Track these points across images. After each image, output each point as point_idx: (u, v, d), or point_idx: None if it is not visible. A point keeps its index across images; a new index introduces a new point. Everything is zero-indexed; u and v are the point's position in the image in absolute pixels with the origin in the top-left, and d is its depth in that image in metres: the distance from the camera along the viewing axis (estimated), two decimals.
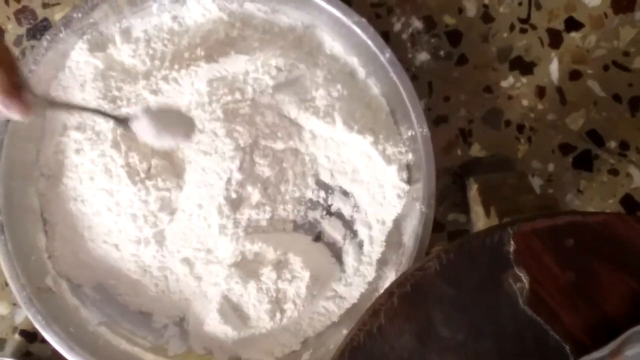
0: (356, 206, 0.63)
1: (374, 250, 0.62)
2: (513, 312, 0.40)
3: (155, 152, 0.60)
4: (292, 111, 0.60)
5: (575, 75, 0.70)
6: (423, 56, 0.70)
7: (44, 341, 0.60)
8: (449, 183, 0.70)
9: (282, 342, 0.62)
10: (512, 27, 0.70)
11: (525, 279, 0.40)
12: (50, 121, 0.62)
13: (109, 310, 0.63)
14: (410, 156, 0.61)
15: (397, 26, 0.70)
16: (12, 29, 0.71)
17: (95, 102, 0.60)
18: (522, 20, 0.70)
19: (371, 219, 0.63)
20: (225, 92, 0.59)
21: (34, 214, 0.62)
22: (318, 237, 0.64)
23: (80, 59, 0.61)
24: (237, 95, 0.59)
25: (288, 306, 0.61)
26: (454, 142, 0.70)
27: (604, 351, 0.38)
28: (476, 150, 0.70)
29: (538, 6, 0.70)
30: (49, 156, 0.62)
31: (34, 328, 0.60)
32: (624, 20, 0.69)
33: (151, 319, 0.63)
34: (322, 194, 0.63)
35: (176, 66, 0.60)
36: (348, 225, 0.64)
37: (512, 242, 0.41)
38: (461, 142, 0.70)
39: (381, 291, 0.57)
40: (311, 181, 0.63)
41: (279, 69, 0.60)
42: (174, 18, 0.63)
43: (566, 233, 0.41)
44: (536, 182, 0.70)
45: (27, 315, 0.58)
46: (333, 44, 0.63)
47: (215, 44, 0.61)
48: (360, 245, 0.63)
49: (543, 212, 0.46)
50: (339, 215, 0.64)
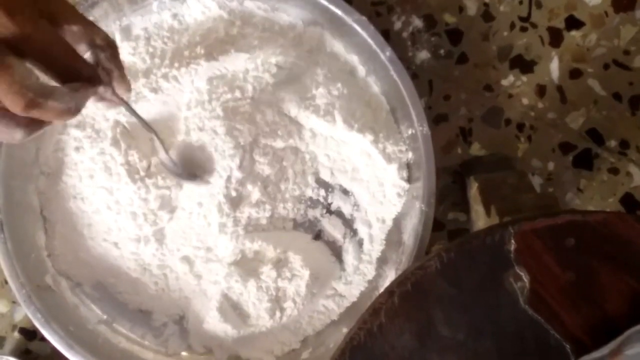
0: (356, 205, 0.63)
1: (374, 248, 0.62)
2: (513, 312, 0.40)
3: (155, 151, 0.60)
4: (292, 109, 0.60)
5: (575, 73, 0.70)
6: (423, 55, 0.70)
7: (43, 339, 0.59)
8: (449, 182, 0.70)
9: (282, 341, 0.62)
10: (513, 26, 0.70)
11: (525, 278, 0.40)
12: None
13: (109, 308, 0.63)
14: (410, 155, 0.61)
15: (398, 24, 0.70)
16: None
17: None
18: (523, 18, 0.70)
19: (371, 218, 0.62)
20: (225, 90, 0.59)
21: (34, 212, 0.62)
22: (318, 236, 0.64)
23: None
24: (237, 93, 0.59)
25: (288, 304, 0.61)
26: (454, 141, 0.70)
27: (604, 351, 0.38)
28: (476, 149, 0.70)
29: (538, 5, 0.69)
30: (49, 154, 0.62)
31: (33, 326, 0.60)
32: (625, 18, 0.69)
33: (151, 317, 0.63)
34: (322, 193, 0.63)
35: (176, 64, 0.60)
36: (348, 223, 0.64)
37: (513, 241, 0.41)
38: (461, 141, 0.70)
39: (381, 290, 0.57)
40: (311, 179, 0.63)
41: (279, 67, 0.60)
42: (174, 16, 0.62)
43: (566, 232, 0.41)
44: (536, 181, 0.70)
45: (27, 313, 0.58)
46: (333, 42, 0.63)
47: (215, 42, 0.61)
48: (360, 243, 0.63)
49: (544, 212, 0.46)
50: (339, 213, 0.64)
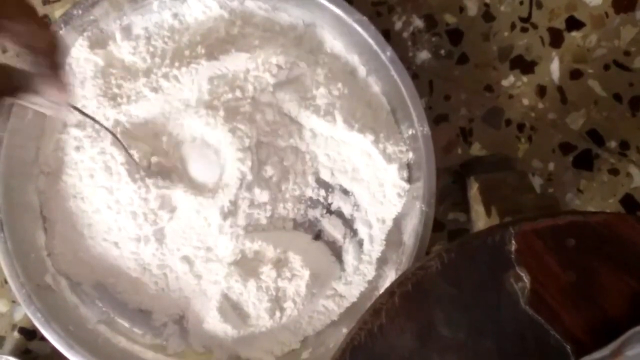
0: (356, 205, 0.63)
1: (374, 249, 0.62)
2: (514, 312, 0.40)
3: (155, 150, 0.60)
4: (293, 109, 0.60)
5: (575, 74, 0.70)
6: (424, 55, 0.70)
7: (43, 339, 0.59)
8: (450, 182, 0.70)
9: (282, 341, 0.62)
10: (513, 26, 0.70)
11: (526, 279, 0.40)
12: (50, 118, 0.62)
13: (109, 308, 0.63)
14: (410, 155, 0.61)
15: (398, 25, 0.70)
16: None
17: (94, 99, 0.60)
18: (523, 19, 0.70)
19: (371, 218, 0.62)
20: (225, 90, 0.59)
21: (34, 212, 0.62)
22: (318, 236, 0.64)
23: (80, 56, 0.61)
24: (238, 93, 0.59)
25: (288, 305, 0.61)
26: (455, 141, 0.70)
27: (605, 351, 0.38)
28: (477, 149, 0.70)
29: (539, 5, 0.69)
30: (49, 154, 0.62)
31: (33, 326, 0.60)
32: (625, 19, 0.69)
33: (151, 317, 0.63)
34: (322, 193, 0.63)
35: (177, 64, 0.60)
36: (348, 223, 0.63)
37: (514, 242, 0.41)
38: (462, 141, 0.70)
39: (381, 290, 0.57)
40: (311, 179, 0.63)
41: (280, 67, 0.59)
42: (175, 15, 0.62)
43: (567, 233, 0.41)
44: (536, 182, 0.70)
45: (27, 312, 0.58)
46: (334, 42, 0.63)
47: (215, 42, 0.61)
48: (360, 244, 0.63)
49: (544, 212, 0.46)
50: (339, 213, 0.64)
